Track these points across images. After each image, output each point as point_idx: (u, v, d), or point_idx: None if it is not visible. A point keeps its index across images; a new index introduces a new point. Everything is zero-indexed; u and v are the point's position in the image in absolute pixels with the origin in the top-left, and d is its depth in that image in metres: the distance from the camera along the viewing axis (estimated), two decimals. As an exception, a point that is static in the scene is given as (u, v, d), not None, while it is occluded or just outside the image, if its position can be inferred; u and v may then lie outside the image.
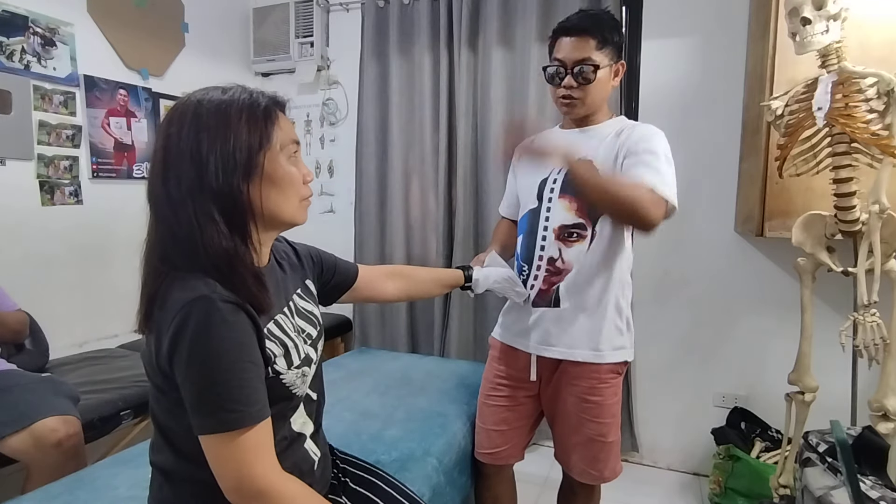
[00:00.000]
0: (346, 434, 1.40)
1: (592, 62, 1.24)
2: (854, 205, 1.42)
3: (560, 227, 1.29)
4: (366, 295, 1.17)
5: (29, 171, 1.98)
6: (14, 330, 1.71)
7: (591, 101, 1.29)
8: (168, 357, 0.70)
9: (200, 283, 0.71)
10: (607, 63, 1.27)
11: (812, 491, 1.23)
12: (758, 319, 2.14)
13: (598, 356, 1.28)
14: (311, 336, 0.90)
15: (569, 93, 1.28)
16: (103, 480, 1.18)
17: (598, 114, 1.34)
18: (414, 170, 2.63)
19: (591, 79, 1.25)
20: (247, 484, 0.71)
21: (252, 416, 0.71)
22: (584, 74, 1.25)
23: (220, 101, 0.75)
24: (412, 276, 1.26)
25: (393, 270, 1.25)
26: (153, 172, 0.75)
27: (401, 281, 1.23)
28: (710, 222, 2.17)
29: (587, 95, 1.27)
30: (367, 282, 1.16)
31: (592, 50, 1.24)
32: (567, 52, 1.26)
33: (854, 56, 1.40)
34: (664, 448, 2.33)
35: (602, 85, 1.28)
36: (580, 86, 1.26)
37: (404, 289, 1.23)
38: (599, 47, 1.25)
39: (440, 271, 1.34)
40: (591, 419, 1.30)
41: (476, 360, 2.43)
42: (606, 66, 1.27)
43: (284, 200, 0.79)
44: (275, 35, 2.83)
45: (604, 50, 1.25)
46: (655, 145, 1.22)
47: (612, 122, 1.34)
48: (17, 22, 1.92)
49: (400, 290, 1.22)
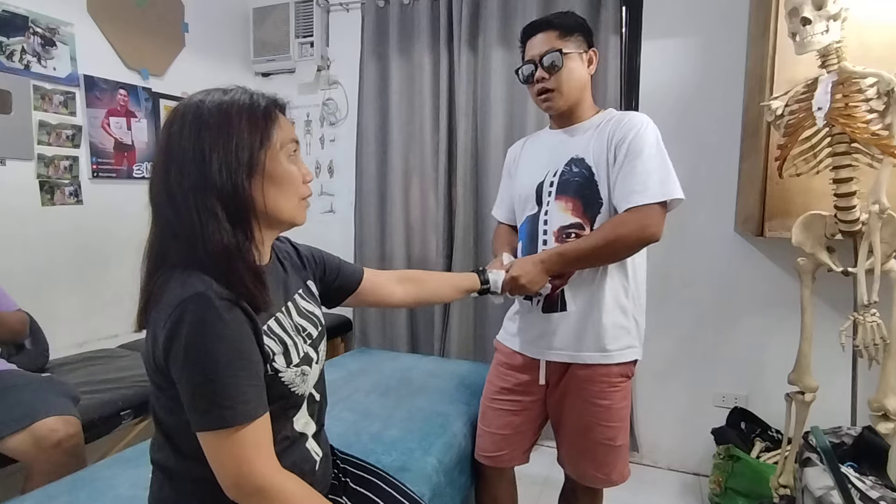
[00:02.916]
0: (347, 434, 1.40)
1: (557, 48, 1.26)
2: (854, 205, 1.42)
3: (559, 228, 1.29)
4: (372, 299, 1.15)
5: (29, 171, 1.98)
6: (14, 330, 1.71)
7: (567, 90, 1.29)
8: (164, 354, 0.71)
9: (197, 280, 0.71)
10: (575, 50, 1.28)
11: (812, 491, 1.23)
12: (758, 319, 2.13)
13: (605, 357, 1.28)
14: (311, 335, 0.90)
15: (543, 85, 1.29)
16: (103, 480, 1.18)
17: (581, 109, 1.33)
18: (414, 170, 2.63)
19: (559, 65, 1.26)
20: (245, 480, 0.71)
21: (248, 412, 0.71)
22: (552, 62, 1.27)
23: (222, 101, 0.76)
24: (423, 281, 1.24)
25: (403, 275, 1.23)
26: (155, 171, 0.76)
27: (411, 285, 1.20)
28: (710, 222, 2.17)
29: (561, 83, 1.28)
30: (374, 286, 1.14)
31: (555, 40, 1.27)
32: (533, 49, 1.30)
33: (854, 56, 1.40)
34: (664, 448, 2.33)
35: (574, 72, 1.28)
36: (551, 75, 1.27)
37: (414, 293, 1.21)
38: (563, 36, 1.28)
39: (454, 275, 1.32)
40: (600, 423, 1.29)
41: (476, 360, 2.43)
42: (574, 52, 1.28)
43: (284, 199, 0.80)
44: (275, 35, 2.83)
45: (569, 38, 1.28)
46: (640, 144, 1.21)
47: (599, 116, 1.33)
48: (17, 22, 1.92)
49: (409, 294, 1.20)
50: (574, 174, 1.28)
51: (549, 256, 1.24)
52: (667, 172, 1.21)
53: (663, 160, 1.21)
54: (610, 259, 1.25)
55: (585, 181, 1.27)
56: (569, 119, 1.34)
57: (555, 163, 1.32)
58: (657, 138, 1.23)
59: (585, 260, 1.23)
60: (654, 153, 1.21)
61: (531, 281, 1.24)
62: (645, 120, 1.25)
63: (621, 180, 1.22)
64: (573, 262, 1.24)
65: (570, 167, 1.29)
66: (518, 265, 1.26)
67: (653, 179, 1.19)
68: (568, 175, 1.29)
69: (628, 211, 1.19)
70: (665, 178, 1.20)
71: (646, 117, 1.26)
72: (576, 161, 1.29)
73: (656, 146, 1.22)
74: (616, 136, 1.24)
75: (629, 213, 1.19)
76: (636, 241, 1.20)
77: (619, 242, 1.19)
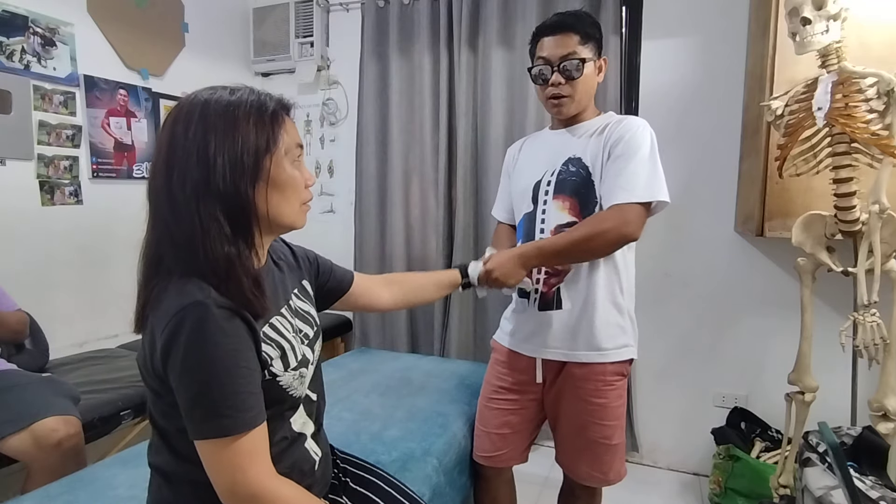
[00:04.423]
0: (346, 434, 1.40)
1: (578, 56, 1.25)
2: (854, 205, 1.42)
3: (556, 227, 1.29)
4: (362, 303, 1.15)
5: (29, 171, 1.98)
6: (14, 330, 1.71)
7: (579, 98, 1.29)
8: (162, 361, 0.70)
9: (196, 287, 0.70)
10: (591, 58, 1.27)
11: (812, 491, 1.23)
12: (758, 319, 2.13)
13: (601, 355, 1.28)
14: (308, 336, 0.90)
15: (557, 91, 1.28)
16: (103, 480, 1.18)
17: (586, 111, 1.34)
18: (414, 170, 2.63)
19: (578, 74, 1.25)
20: (241, 488, 0.71)
21: (246, 421, 0.70)
22: (570, 69, 1.25)
23: (228, 101, 0.74)
24: (406, 282, 1.24)
25: (389, 278, 1.23)
26: (155, 171, 0.74)
27: (396, 288, 1.21)
28: (710, 222, 2.16)
29: (575, 91, 1.27)
30: (363, 290, 1.14)
31: (576, 45, 1.25)
32: (551, 50, 1.27)
33: (854, 56, 1.40)
34: (664, 448, 2.33)
35: (589, 80, 1.29)
36: (567, 82, 1.26)
37: (400, 295, 1.21)
38: (583, 42, 1.26)
39: (435, 273, 1.32)
40: (596, 422, 1.30)
41: (476, 360, 2.43)
42: (591, 60, 1.27)
43: (286, 204, 0.79)
44: (275, 35, 2.83)
45: (587, 45, 1.26)
46: (634, 145, 1.22)
47: (600, 118, 1.34)
48: (17, 22, 1.92)
49: (396, 297, 1.20)
50: (571, 174, 1.29)
51: (527, 251, 1.25)
52: (655, 176, 1.21)
53: (654, 164, 1.22)
54: (588, 255, 1.24)
55: (582, 181, 1.27)
56: (571, 120, 1.35)
57: (553, 162, 1.33)
58: (652, 143, 1.24)
59: (564, 255, 1.23)
60: (646, 156, 1.21)
61: (505, 274, 1.23)
62: (642, 123, 1.26)
63: (610, 178, 1.22)
64: (551, 257, 1.24)
65: (568, 167, 1.30)
66: (494, 259, 1.26)
67: (640, 180, 1.19)
68: (566, 174, 1.29)
69: (610, 208, 1.20)
70: (651, 181, 1.20)
71: (644, 121, 1.27)
72: (573, 161, 1.29)
73: (650, 150, 1.22)
74: (613, 136, 1.25)
75: (610, 211, 1.20)
76: (615, 238, 1.19)
77: (598, 239, 1.19)
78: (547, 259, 1.25)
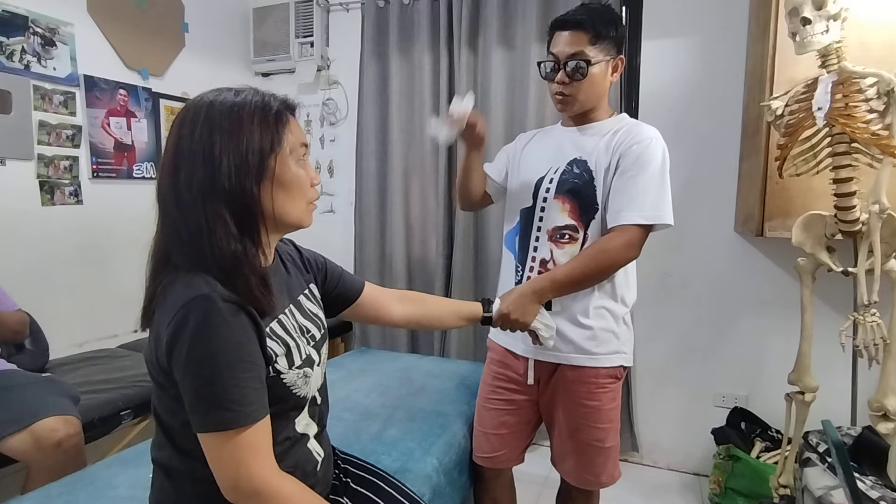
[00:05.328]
0: (347, 434, 1.40)
1: (584, 57, 1.21)
2: (854, 205, 1.42)
3: (553, 228, 1.28)
4: (371, 314, 1.12)
5: (29, 171, 1.98)
6: (14, 330, 1.71)
7: (584, 99, 1.26)
8: (167, 354, 0.71)
9: (202, 282, 0.71)
10: (602, 58, 1.23)
11: (812, 491, 1.23)
12: (758, 319, 2.14)
13: (592, 360, 1.27)
14: (314, 337, 0.90)
15: (561, 89, 1.26)
16: (103, 480, 1.18)
17: (597, 111, 1.31)
18: (414, 170, 2.63)
19: (582, 75, 1.22)
20: (243, 483, 0.71)
21: (249, 415, 0.71)
22: (576, 70, 1.22)
23: (233, 103, 0.75)
24: (424, 304, 1.19)
25: (404, 295, 1.18)
26: (163, 172, 0.75)
27: (411, 306, 1.16)
28: (710, 222, 2.17)
29: (579, 92, 1.25)
30: (373, 300, 1.11)
31: (586, 44, 1.21)
32: (561, 47, 1.24)
33: (854, 56, 1.40)
34: (664, 448, 2.33)
35: (597, 81, 1.25)
36: (572, 82, 1.24)
37: (414, 314, 1.16)
38: (594, 42, 1.21)
39: (456, 302, 1.25)
40: (589, 424, 1.29)
41: (476, 360, 2.42)
42: (601, 61, 1.23)
43: (292, 203, 0.80)
44: (275, 35, 2.83)
45: (598, 45, 1.21)
46: (643, 161, 1.20)
47: (612, 120, 1.31)
48: (17, 22, 1.92)
49: (409, 314, 1.15)
50: (574, 175, 1.27)
51: (542, 286, 1.22)
52: (662, 197, 1.20)
53: (662, 183, 1.20)
54: (599, 280, 1.25)
55: (585, 184, 1.26)
56: (583, 118, 1.32)
57: (558, 160, 1.31)
58: (664, 159, 1.22)
59: (578, 285, 1.24)
60: (657, 173, 1.20)
61: (524, 314, 1.20)
62: (655, 136, 1.24)
63: (618, 192, 1.21)
64: (566, 288, 1.24)
65: (572, 167, 1.28)
66: (509, 300, 1.20)
67: (648, 200, 1.18)
68: (568, 175, 1.28)
69: (615, 230, 1.20)
70: (658, 202, 1.19)
71: (656, 134, 1.24)
72: (578, 162, 1.28)
73: (660, 167, 1.21)
74: (623, 145, 1.23)
75: (615, 234, 1.20)
76: (621, 263, 1.23)
77: (607, 269, 1.22)
78: (562, 290, 1.24)
